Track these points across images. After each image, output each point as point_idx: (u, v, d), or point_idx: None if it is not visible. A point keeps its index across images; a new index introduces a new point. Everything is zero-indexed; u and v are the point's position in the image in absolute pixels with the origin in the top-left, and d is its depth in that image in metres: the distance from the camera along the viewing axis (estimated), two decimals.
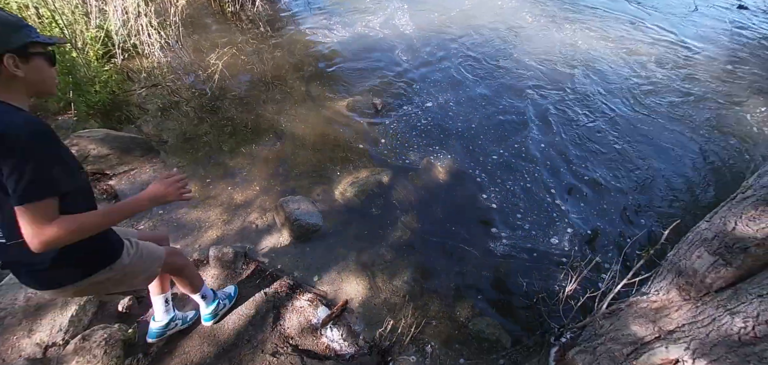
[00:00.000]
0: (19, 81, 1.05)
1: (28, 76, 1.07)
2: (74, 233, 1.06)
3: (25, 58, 1.05)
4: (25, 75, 1.05)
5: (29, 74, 1.07)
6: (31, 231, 0.99)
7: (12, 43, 1.02)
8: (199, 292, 1.87)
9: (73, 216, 1.07)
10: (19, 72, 1.04)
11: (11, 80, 1.04)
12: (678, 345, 1.52)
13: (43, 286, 1.25)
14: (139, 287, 1.61)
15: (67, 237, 1.04)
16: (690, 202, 3.16)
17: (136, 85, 3.90)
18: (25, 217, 0.99)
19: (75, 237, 1.07)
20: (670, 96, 4.50)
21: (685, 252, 1.51)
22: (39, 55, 1.09)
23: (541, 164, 3.42)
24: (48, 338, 1.79)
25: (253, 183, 3.01)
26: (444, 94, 4.26)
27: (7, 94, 1.04)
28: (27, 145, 0.98)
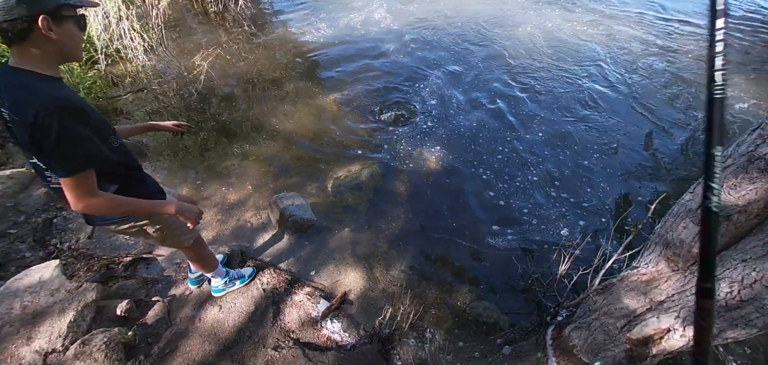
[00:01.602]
0: (50, 45, 1.05)
1: (60, 40, 1.07)
2: (109, 210, 1.23)
3: (58, 21, 1.05)
4: (57, 38, 1.05)
5: (60, 38, 1.07)
6: (71, 200, 1.13)
7: (46, 5, 1.02)
8: (215, 270, 2.03)
9: (109, 197, 1.20)
10: (52, 34, 1.04)
11: (43, 43, 1.04)
12: (669, 315, 1.58)
13: (89, 221, 1.42)
14: (172, 245, 1.72)
15: (102, 212, 1.22)
16: (677, 177, 3.24)
17: (122, 91, 3.84)
18: (65, 188, 1.11)
19: (109, 213, 1.28)
20: (659, 77, 4.57)
21: (672, 224, 1.55)
22: (70, 18, 1.09)
23: (532, 151, 3.46)
24: (47, 345, 1.78)
25: (246, 182, 3.00)
26: (432, 86, 4.28)
27: (36, 61, 1.05)
28: (59, 122, 1.01)
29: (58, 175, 1.10)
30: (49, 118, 1.00)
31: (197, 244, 1.81)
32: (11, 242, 2.43)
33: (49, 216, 2.66)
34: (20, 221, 2.59)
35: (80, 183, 1.11)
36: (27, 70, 1.04)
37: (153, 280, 2.28)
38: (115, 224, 1.42)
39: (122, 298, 2.08)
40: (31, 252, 2.41)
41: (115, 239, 2.54)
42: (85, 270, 2.30)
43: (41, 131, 1.01)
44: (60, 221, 2.65)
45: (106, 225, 1.42)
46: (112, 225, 1.43)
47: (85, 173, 1.11)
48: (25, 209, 2.68)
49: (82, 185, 1.12)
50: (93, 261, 2.39)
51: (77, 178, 1.10)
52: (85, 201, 1.14)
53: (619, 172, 3.28)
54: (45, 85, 1.04)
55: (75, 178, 1.09)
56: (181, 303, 2.14)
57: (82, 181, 1.11)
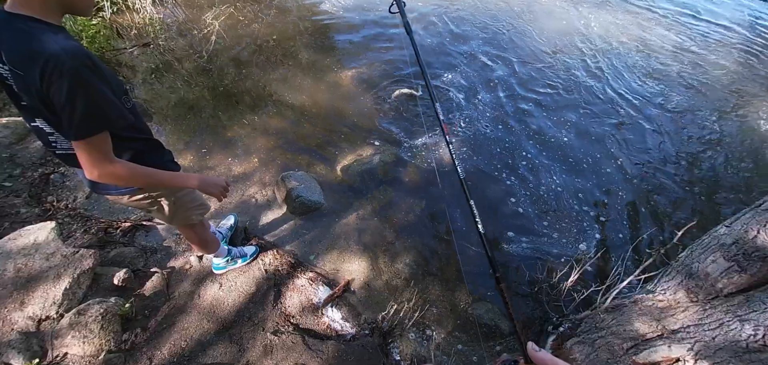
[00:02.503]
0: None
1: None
2: (126, 179, 1.12)
3: None
4: None
5: None
6: (87, 165, 1.02)
7: None
8: (214, 253, 1.99)
9: (126, 165, 1.11)
10: None
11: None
12: (681, 345, 1.54)
13: (101, 190, 1.30)
14: (180, 222, 1.63)
15: (119, 180, 1.11)
16: (710, 206, 3.11)
17: (127, 43, 3.66)
18: (80, 152, 1.01)
19: (125, 182, 1.18)
20: (686, 92, 4.40)
21: (699, 255, 1.49)
22: None
23: (554, 158, 3.34)
24: (41, 311, 1.73)
25: (253, 155, 2.90)
26: (457, 76, 4.10)
27: (38, 7, 0.92)
28: (72, 76, 0.90)
29: (70, 138, 0.98)
30: (61, 70, 0.88)
31: (201, 225, 1.73)
32: (6, 196, 2.35)
33: (47, 172, 2.57)
34: (16, 174, 2.50)
35: (96, 147, 1.00)
36: (26, 15, 0.91)
37: (152, 250, 2.22)
38: (129, 195, 1.32)
39: (120, 267, 2.03)
40: (27, 207, 2.33)
41: (114, 203, 2.46)
42: (82, 233, 2.24)
43: (51, 86, 0.89)
44: (57, 177, 2.56)
45: (119, 197, 1.33)
46: (125, 197, 1.33)
47: (101, 136, 1.00)
48: (21, 161, 2.59)
49: (98, 149, 1.01)
50: (90, 224, 2.33)
51: (92, 140, 0.98)
52: (101, 168, 1.03)
53: (648, 189, 3.17)
54: (50, 34, 0.91)
55: (90, 140, 0.98)
56: (181, 277, 2.09)
57: (98, 145, 1.01)
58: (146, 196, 1.35)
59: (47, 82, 0.88)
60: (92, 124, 0.97)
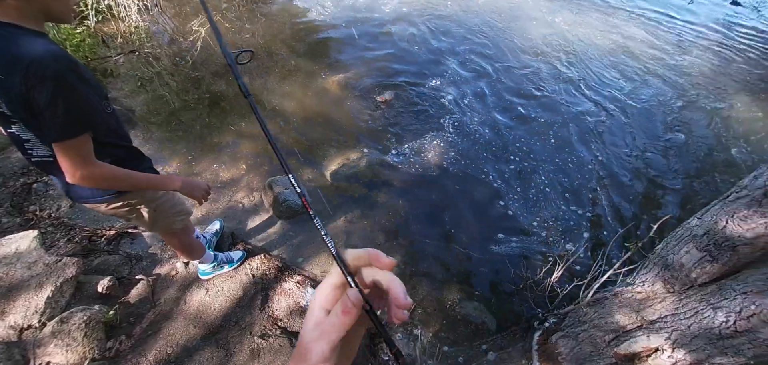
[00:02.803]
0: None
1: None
2: (108, 181, 1.14)
3: None
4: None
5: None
6: (69, 168, 1.03)
7: None
8: (203, 256, 1.97)
9: (109, 167, 1.11)
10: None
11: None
12: (659, 335, 1.58)
13: (79, 198, 1.29)
14: (161, 230, 1.63)
15: (100, 183, 1.12)
16: (679, 198, 3.22)
17: (112, 51, 3.64)
18: (61, 154, 1.01)
19: (107, 185, 1.17)
20: (661, 90, 4.52)
21: (674, 247, 1.53)
22: None
23: (540, 159, 3.41)
24: (23, 321, 1.70)
25: (240, 161, 2.90)
26: (441, 80, 4.15)
27: (18, 14, 0.93)
28: (55, 78, 0.91)
29: (52, 140, 0.98)
30: (43, 73, 0.89)
31: (184, 232, 1.72)
32: None
33: (29, 181, 2.53)
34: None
35: (78, 149, 1.01)
36: (5, 22, 0.92)
37: (137, 257, 2.20)
38: (107, 202, 1.31)
39: (104, 274, 2.01)
40: (8, 217, 2.30)
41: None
42: (66, 242, 2.21)
43: (33, 90, 0.90)
44: (40, 187, 2.53)
45: (97, 204, 1.32)
46: (103, 205, 1.32)
47: (83, 138, 1.01)
48: (2, 171, 2.55)
49: (80, 152, 1.02)
50: (74, 232, 2.30)
51: (74, 143, 0.99)
52: (83, 170, 1.03)
53: (629, 185, 3.25)
54: (31, 39, 0.92)
55: (72, 142, 0.99)
56: (166, 283, 2.08)
57: (80, 147, 1.01)
58: (124, 204, 1.35)
59: (29, 85, 0.89)
60: (75, 127, 0.98)
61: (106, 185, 1.17)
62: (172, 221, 1.57)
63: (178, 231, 1.67)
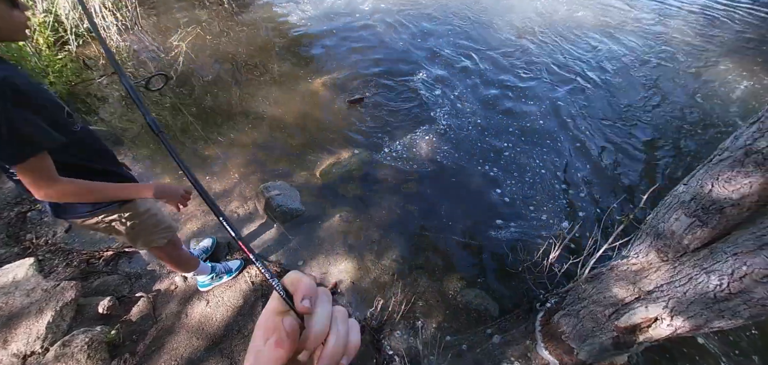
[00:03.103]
0: None
1: None
2: (76, 196, 1.13)
3: None
4: None
5: None
6: (31, 188, 1.05)
7: None
8: (194, 271, 1.97)
9: (75, 182, 1.11)
10: None
11: None
12: (657, 304, 1.59)
13: (56, 214, 1.29)
14: (144, 246, 1.59)
15: (68, 197, 1.11)
16: (668, 165, 3.25)
17: (95, 73, 3.62)
18: (20, 176, 1.03)
19: (76, 199, 1.15)
20: (644, 60, 4.53)
21: (664, 215, 1.54)
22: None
23: (532, 142, 3.41)
24: (25, 348, 1.71)
25: (231, 171, 2.90)
26: (425, 71, 4.16)
27: None
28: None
29: (9, 164, 1.01)
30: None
31: (171, 246, 1.70)
32: None
33: (23, 210, 2.53)
34: None
35: (34, 170, 1.03)
36: None
37: (136, 275, 2.21)
38: (83, 217, 1.32)
39: (104, 295, 2.01)
40: (5, 248, 2.30)
41: (94, 233, 2.44)
42: (64, 266, 2.21)
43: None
44: (34, 215, 2.53)
45: (74, 219, 1.33)
46: (79, 219, 1.33)
47: (36, 159, 1.02)
48: None
49: (37, 172, 1.03)
50: (72, 257, 2.30)
51: (27, 165, 1.01)
52: (45, 189, 1.06)
53: (620, 159, 3.27)
54: None
55: (24, 165, 1.01)
56: (167, 298, 2.09)
57: (35, 168, 1.03)
58: (100, 220, 1.35)
59: None
60: (24, 150, 0.99)
61: (75, 199, 1.17)
62: (154, 237, 1.56)
63: (164, 246, 1.66)
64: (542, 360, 2.12)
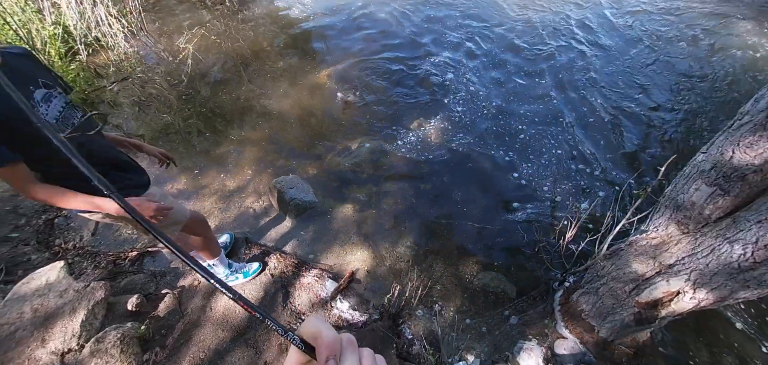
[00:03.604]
0: None
1: None
2: (51, 202, 1.24)
3: None
4: None
5: None
6: (16, 190, 1.16)
7: None
8: (217, 258, 2.00)
9: (44, 190, 1.20)
10: None
11: None
12: (679, 278, 1.57)
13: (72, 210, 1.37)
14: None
15: (46, 202, 1.24)
16: (685, 134, 3.16)
17: (106, 81, 3.70)
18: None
19: (50, 204, 1.27)
20: (658, 29, 4.38)
21: (683, 186, 1.51)
22: None
23: (547, 122, 3.36)
24: (62, 345, 1.80)
25: (244, 167, 2.95)
26: (433, 57, 4.11)
27: None
28: None
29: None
30: None
31: (194, 223, 1.74)
32: (15, 246, 2.42)
33: (50, 217, 2.63)
34: (21, 224, 2.57)
35: (4, 177, 1.13)
36: None
37: (160, 273, 2.28)
38: (88, 212, 1.38)
39: (132, 293, 2.09)
40: (37, 254, 2.40)
41: (119, 235, 2.52)
42: (93, 268, 2.30)
43: None
44: (61, 221, 2.63)
45: (80, 214, 1.39)
46: (86, 214, 1.39)
47: (3, 169, 1.10)
48: (24, 211, 2.65)
49: (11, 179, 1.14)
50: (99, 258, 2.39)
51: (3, 172, 1.11)
52: (25, 193, 1.18)
53: (636, 132, 3.20)
54: None
55: (2, 171, 1.10)
56: (191, 294, 2.16)
57: (8, 177, 1.13)
58: (106, 216, 1.41)
59: None
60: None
61: (53, 204, 1.26)
62: (172, 217, 1.60)
63: (192, 233, 1.73)
64: (562, 338, 2.12)
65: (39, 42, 3.37)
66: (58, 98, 1.19)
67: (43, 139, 1.13)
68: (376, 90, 3.70)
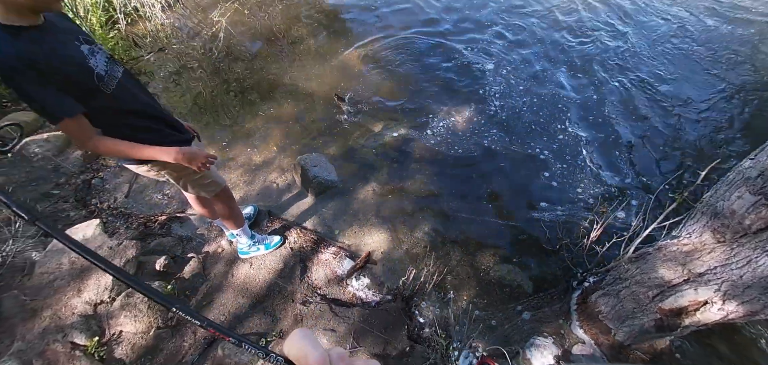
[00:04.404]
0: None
1: None
2: (108, 153, 1.29)
3: None
4: None
5: None
6: (75, 143, 1.22)
7: None
8: (240, 229, 2.07)
9: (104, 142, 1.25)
10: None
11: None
12: (708, 287, 1.51)
13: (118, 161, 1.46)
14: (195, 192, 1.71)
15: (105, 154, 1.30)
16: (728, 140, 2.97)
17: (143, 51, 3.83)
18: (63, 133, 1.18)
19: (109, 156, 1.30)
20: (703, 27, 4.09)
21: (724, 193, 1.43)
22: None
23: (568, 112, 3.25)
24: (96, 297, 1.93)
25: (270, 143, 3.01)
26: (472, 46, 3.98)
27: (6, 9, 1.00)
28: (15, 81, 1.03)
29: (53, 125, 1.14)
30: (7, 76, 1.02)
31: (225, 196, 1.83)
32: (55, 202, 2.58)
33: (88, 178, 2.78)
34: (61, 182, 2.73)
35: (68, 130, 1.15)
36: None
37: (187, 238, 2.39)
38: (135, 164, 1.45)
39: (160, 254, 2.20)
40: (74, 211, 2.56)
41: (149, 199, 2.65)
42: (125, 228, 2.44)
43: (11, 87, 1.04)
44: (98, 182, 2.78)
45: (127, 165, 1.47)
46: (133, 166, 1.46)
47: (66, 122, 1.13)
48: (64, 170, 2.82)
49: (71, 131, 1.16)
50: (131, 220, 2.52)
51: (63, 125, 1.13)
52: (85, 145, 1.22)
53: (676, 136, 3.05)
54: (2, 38, 1.00)
55: (61, 125, 1.13)
56: (215, 260, 2.25)
57: (69, 129, 1.15)
58: (149, 169, 1.49)
59: (8, 84, 1.04)
60: (55, 113, 1.11)
61: (110, 155, 1.32)
62: (199, 189, 1.68)
63: (214, 199, 1.79)
64: (576, 338, 2.09)
65: (81, 9, 3.51)
66: (100, 52, 1.23)
67: (98, 91, 1.20)
68: (409, 73, 3.64)
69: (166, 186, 2.70)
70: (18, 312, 1.89)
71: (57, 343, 1.75)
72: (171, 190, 2.68)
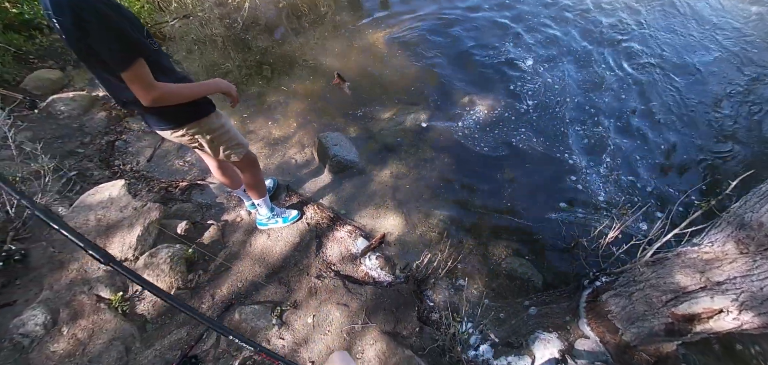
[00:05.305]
0: None
1: None
2: (173, 96, 1.30)
3: None
4: None
5: None
6: (140, 92, 1.19)
7: None
8: (262, 199, 2.11)
9: (169, 85, 1.27)
10: None
11: None
12: (725, 296, 1.51)
13: (153, 126, 1.49)
14: (225, 156, 1.75)
15: (167, 99, 1.27)
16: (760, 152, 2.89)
17: (168, 17, 3.84)
18: (130, 82, 1.16)
19: (173, 100, 1.31)
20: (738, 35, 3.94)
21: (754, 204, 1.42)
22: None
23: (594, 111, 3.19)
24: (120, 254, 2.00)
25: (290, 119, 3.02)
26: (516, 47, 3.86)
27: None
28: (91, 16, 1.04)
29: (118, 71, 1.14)
30: (83, 12, 1.02)
31: (251, 164, 1.86)
32: (80, 160, 2.65)
33: (111, 139, 2.85)
34: (86, 141, 2.80)
35: (138, 73, 1.15)
36: None
37: (207, 206, 2.44)
38: (171, 129, 1.49)
39: (181, 219, 2.26)
40: (99, 170, 2.63)
41: (171, 165, 2.70)
42: (147, 191, 2.50)
43: (82, 30, 1.04)
44: (121, 144, 2.84)
45: (163, 131, 1.50)
46: (168, 132, 1.50)
47: (139, 62, 1.14)
48: (89, 130, 2.88)
49: (140, 75, 1.16)
50: (153, 183, 2.59)
51: (133, 69, 1.14)
52: (150, 92, 1.20)
53: (691, 143, 2.99)
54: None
55: (131, 69, 1.14)
56: (233, 228, 2.31)
57: (139, 71, 1.16)
58: (185, 133, 1.52)
59: (79, 25, 1.03)
60: (126, 55, 1.12)
61: (172, 100, 1.31)
62: (230, 151, 1.71)
63: (246, 163, 1.82)
64: (582, 334, 2.11)
65: None
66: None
67: (148, 47, 1.23)
68: (439, 60, 3.58)
69: (188, 154, 2.75)
70: (46, 262, 1.98)
71: (83, 295, 1.84)
72: (192, 158, 2.73)
